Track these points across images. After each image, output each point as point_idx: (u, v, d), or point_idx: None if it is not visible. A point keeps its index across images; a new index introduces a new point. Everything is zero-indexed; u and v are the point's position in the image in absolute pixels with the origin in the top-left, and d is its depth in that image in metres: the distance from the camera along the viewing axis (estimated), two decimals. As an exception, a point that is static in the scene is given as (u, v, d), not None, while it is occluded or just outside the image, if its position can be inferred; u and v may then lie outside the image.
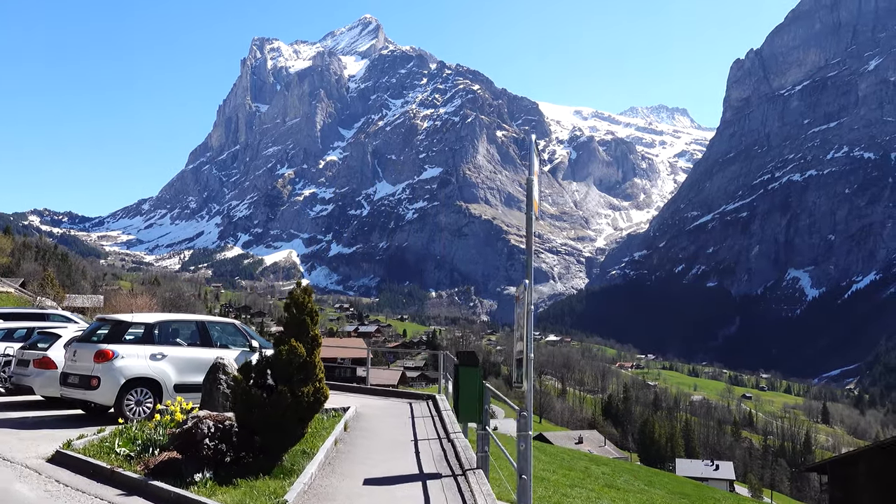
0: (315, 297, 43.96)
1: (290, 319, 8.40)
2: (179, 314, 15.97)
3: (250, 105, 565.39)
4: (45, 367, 13.10)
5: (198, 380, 11.83)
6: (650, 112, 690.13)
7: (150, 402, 11.68)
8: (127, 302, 50.02)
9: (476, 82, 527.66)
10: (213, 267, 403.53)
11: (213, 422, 7.91)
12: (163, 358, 11.92)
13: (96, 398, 11.48)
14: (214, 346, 12.71)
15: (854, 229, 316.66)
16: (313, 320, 8.44)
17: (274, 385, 8.00)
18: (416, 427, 12.99)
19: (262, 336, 17.50)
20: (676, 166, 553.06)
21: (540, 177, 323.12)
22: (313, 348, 8.20)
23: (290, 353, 7.95)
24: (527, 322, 6.34)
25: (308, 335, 8.25)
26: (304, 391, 7.93)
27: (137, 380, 11.60)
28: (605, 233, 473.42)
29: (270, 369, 8.10)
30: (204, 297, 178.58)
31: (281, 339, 8.29)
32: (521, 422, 6.43)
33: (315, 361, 8.16)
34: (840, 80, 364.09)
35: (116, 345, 11.63)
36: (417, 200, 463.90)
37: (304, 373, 8.03)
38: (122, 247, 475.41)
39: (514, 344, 6.90)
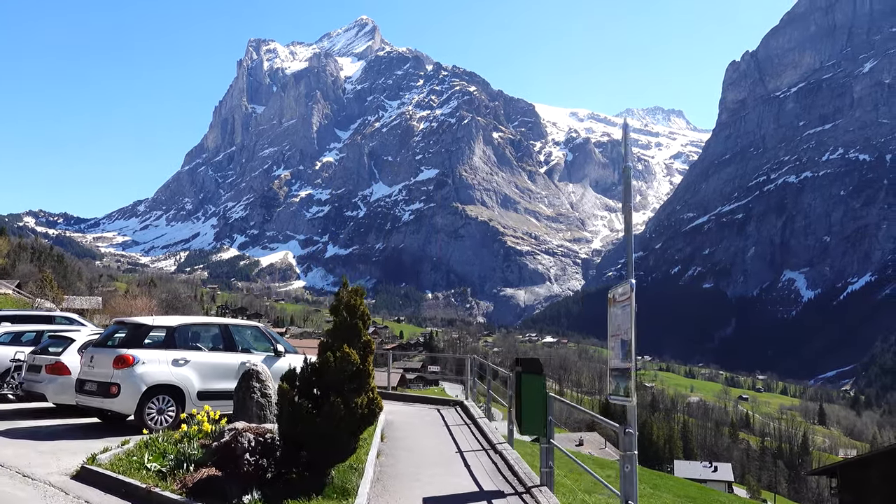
0: (311, 298, 43.96)
1: (339, 323, 7.85)
2: (201, 317, 15.19)
3: (246, 106, 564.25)
4: (59, 372, 12.50)
5: (222, 386, 11.49)
6: (646, 114, 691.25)
7: (173, 411, 11.13)
8: (126, 303, 49.60)
9: (472, 84, 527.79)
10: (209, 268, 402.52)
11: (254, 435, 7.41)
12: (185, 363, 11.35)
13: (116, 407, 10.91)
14: (238, 350, 12.15)
15: (849, 231, 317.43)
16: (365, 325, 7.92)
17: (323, 395, 7.46)
18: (454, 436, 12.44)
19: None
20: (672, 168, 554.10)
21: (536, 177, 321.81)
22: (366, 355, 7.72)
23: (343, 361, 7.43)
24: (632, 326, 5.61)
25: (360, 341, 7.75)
26: (358, 402, 7.43)
27: (159, 387, 11.02)
28: (601, 234, 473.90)
29: (318, 378, 7.55)
30: (200, 298, 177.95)
31: (329, 345, 7.72)
32: (625, 440, 5.66)
33: (369, 370, 7.69)
34: (835, 82, 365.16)
35: (137, 349, 11.05)
36: (414, 202, 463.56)
37: (357, 382, 7.53)
38: (118, 248, 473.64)
39: (611, 350, 6.14)
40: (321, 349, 7.79)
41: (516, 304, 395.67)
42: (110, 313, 45.99)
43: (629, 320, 5.69)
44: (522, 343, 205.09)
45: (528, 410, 8.43)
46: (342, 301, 8.01)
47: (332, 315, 8.03)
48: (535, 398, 8.46)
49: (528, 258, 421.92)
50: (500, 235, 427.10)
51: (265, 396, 9.24)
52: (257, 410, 9.11)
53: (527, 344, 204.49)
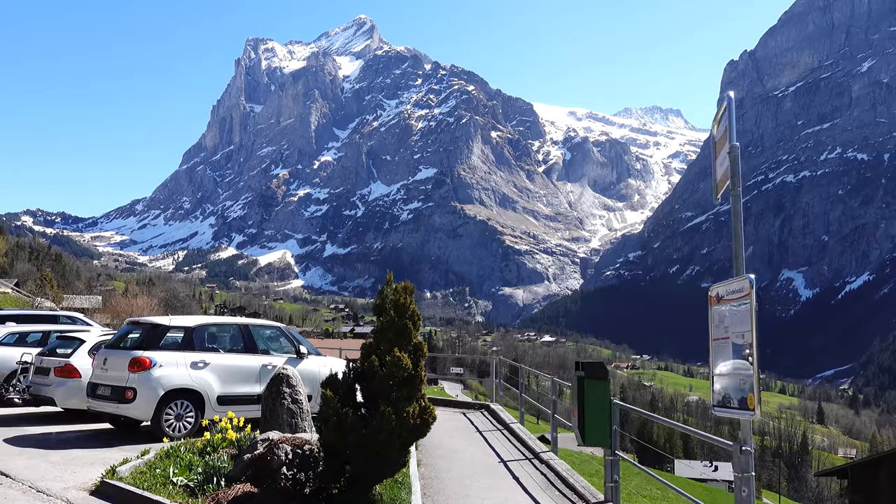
0: (309, 297, 43.04)
1: (386, 324, 7.16)
2: (220, 317, 14.10)
3: (244, 105, 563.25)
4: (69, 375, 11.88)
5: (243, 390, 11.01)
6: (644, 113, 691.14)
7: (192, 417, 10.53)
8: (127, 302, 49.16)
9: (471, 83, 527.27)
10: (207, 267, 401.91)
11: (291, 446, 6.82)
12: (205, 366, 10.70)
13: (131, 412, 10.26)
14: (259, 352, 11.51)
15: (847, 230, 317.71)
16: (415, 325, 7.24)
17: (370, 404, 6.87)
18: (490, 443, 11.88)
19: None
20: (671, 167, 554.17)
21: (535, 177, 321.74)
22: (418, 360, 7.08)
23: (394, 366, 6.79)
24: (753, 328, 4.78)
25: (410, 343, 7.09)
26: (409, 411, 6.80)
27: (177, 391, 10.38)
28: (599, 233, 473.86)
29: (363, 384, 6.99)
30: (198, 297, 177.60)
31: (373, 347, 7.12)
32: (741, 459, 4.89)
33: (421, 375, 7.04)
34: (833, 82, 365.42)
35: (153, 351, 10.38)
36: (412, 201, 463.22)
37: (408, 389, 6.88)
38: (116, 247, 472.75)
39: (714, 355, 5.30)
40: (365, 352, 7.24)
41: (515, 304, 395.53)
42: (111, 313, 45.58)
43: (747, 321, 4.89)
44: (521, 342, 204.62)
45: (593, 419, 7.82)
46: (388, 299, 7.35)
47: (376, 315, 7.37)
48: (600, 406, 7.90)
49: (526, 257, 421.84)
50: (498, 235, 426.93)
51: (296, 403, 8.55)
52: (288, 418, 8.44)
53: (525, 343, 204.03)
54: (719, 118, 5.77)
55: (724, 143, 5.52)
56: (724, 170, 5.60)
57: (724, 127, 5.62)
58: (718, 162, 5.82)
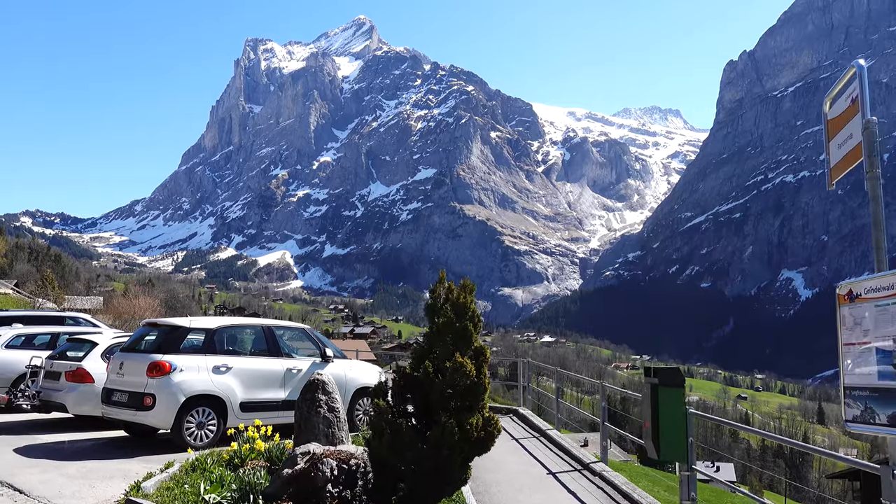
0: (309, 298, 41.75)
1: (443, 326, 6.41)
2: (241, 318, 13.19)
3: (244, 106, 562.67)
4: (81, 380, 11.32)
5: (267, 396, 10.49)
6: (643, 113, 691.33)
7: (214, 424, 9.97)
8: (128, 303, 48.79)
9: (470, 83, 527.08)
10: (206, 268, 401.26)
11: (336, 461, 6.30)
12: (227, 370, 10.16)
13: (150, 420, 9.70)
14: (283, 355, 11.00)
15: (847, 230, 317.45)
16: (476, 328, 6.50)
17: (425, 414, 6.19)
18: (531, 452, 11.19)
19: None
20: (670, 167, 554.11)
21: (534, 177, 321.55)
22: (481, 365, 6.35)
23: (455, 373, 6.10)
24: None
25: (471, 347, 6.37)
26: (473, 423, 6.11)
27: (199, 397, 9.82)
28: (598, 234, 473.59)
29: (415, 392, 6.30)
30: (198, 298, 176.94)
31: (426, 351, 6.40)
32: (894, 485, 4.02)
33: (484, 383, 6.30)
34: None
35: (173, 355, 9.83)
36: (411, 201, 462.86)
37: (471, 398, 6.17)
38: (115, 248, 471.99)
39: (847, 363, 4.51)
40: (416, 357, 6.55)
41: (514, 304, 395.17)
42: (112, 314, 45.05)
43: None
44: (521, 342, 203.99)
45: (668, 431, 7.04)
46: (442, 298, 6.60)
47: (429, 316, 6.66)
48: (675, 416, 7.17)
49: (525, 258, 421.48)
50: (497, 235, 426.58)
51: (333, 411, 7.81)
52: (324, 427, 7.70)
53: (525, 343, 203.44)
54: (836, 94, 4.91)
55: (849, 120, 4.63)
56: (848, 151, 4.72)
57: (848, 101, 4.74)
58: (836, 143, 4.95)
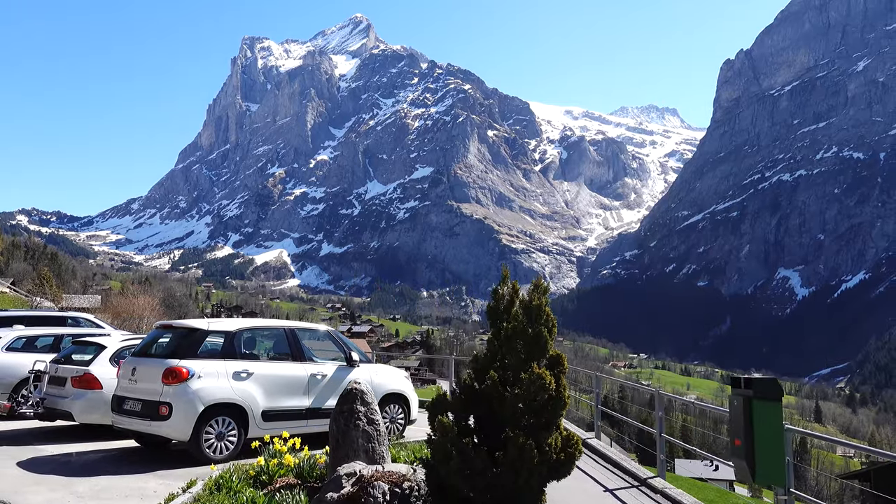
0: (306, 297, 41.57)
1: (512, 330, 5.72)
2: (262, 320, 12.14)
3: (241, 104, 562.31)
4: (88, 386, 10.64)
5: (290, 404, 9.86)
6: (640, 112, 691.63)
7: (234, 435, 9.30)
8: (127, 302, 48.87)
9: (467, 82, 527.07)
10: (203, 267, 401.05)
11: (388, 484, 5.79)
12: (248, 377, 9.49)
13: (166, 431, 9.01)
14: (306, 359, 10.36)
15: (843, 229, 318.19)
16: (551, 333, 5.83)
17: (494, 432, 5.47)
18: (578, 465, 9.88)
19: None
20: (667, 166, 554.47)
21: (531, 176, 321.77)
22: (558, 377, 5.64)
23: (532, 385, 5.38)
24: None
25: (546, 356, 5.68)
26: (552, 443, 5.42)
27: (219, 406, 9.17)
28: (596, 232, 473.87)
29: (479, 407, 5.60)
30: (195, 297, 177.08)
31: (490, 359, 5.72)
32: None
33: (564, 397, 5.60)
34: (829, 81, 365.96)
35: (190, 360, 9.17)
36: (409, 200, 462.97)
37: (549, 414, 5.46)
38: (112, 246, 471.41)
39: None
40: (478, 367, 5.82)
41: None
42: (111, 312, 45.29)
43: None
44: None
45: (764, 451, 6.18)
46: (506, 299, 5.92)
47: (491, 319, 5.97)
48: (772, 434, 6.30)
49: (523, 256, 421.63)
50: (495, 234, 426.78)
51: (372, 424, 7.11)
52: (364, 442, 6.95)
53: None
54: None
55: None
56: None
57: None
58: None
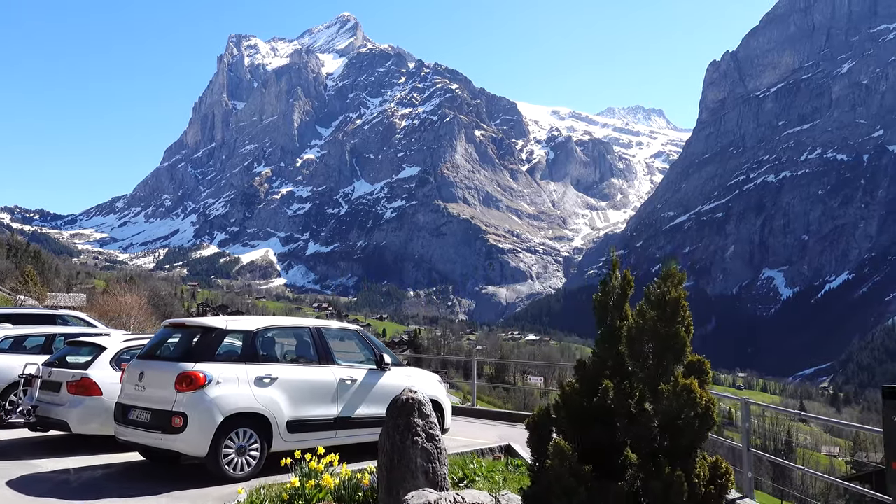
0: (292, 296, 40.75)
1: (640, 330, 4.70)
2: (285, 318, 11.52)
3: (227, 102, 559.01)
4: (86, 392, 9.61)
5: (317, 413, 8.87)
6: (627, 112, 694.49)
7: (257, 449, 8.24)
8: (115, 300, 48.03)
9: (454, 81, 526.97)
10: (188, 265, 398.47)
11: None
12: (272, 382, 8.45)
13: (180, 445, 7.89)
14: (334, 362, 9.37)
15: (827, 230, 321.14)
16: (689, 333, 4.81)
17: (600, 454, 4.48)
18: None
19: None
20: (653, 167, 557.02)
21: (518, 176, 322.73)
22: (702, 385, 4.60)
23: (678, 399, 4.34)
24: None
25: (683, 362, 4.63)
26: (699, 473, 4.33)
27: (240, 416, 8.12)
28: (582, 232, 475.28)
29: (593, 428, 4.60)
30: (180, 296, 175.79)
31: (599, 363, 4.74)
32: None
33: (713, 415, 4.49)
34: (814, 83, 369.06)
35: (207, 364, 8.14)
36: (396, 199, 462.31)
37: (693, 435, 4.42)
38: (96, 245, 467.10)
39: None
40: (588, 375, 4.76)
41: (498, 302, 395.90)
42: (97, 311, 44.77)
43: None
44: (506, 341, 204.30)
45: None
46: (617, 291, 4.98)
47: (600, 316, 4.99)
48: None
49: (509, 256, 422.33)
50: (482, 233, 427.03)
51: (432, 440, 6.10)
52: (423, 462, 5.88)
53: (510, 342, 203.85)
54: None
55: None
56: None
57: None
58: None
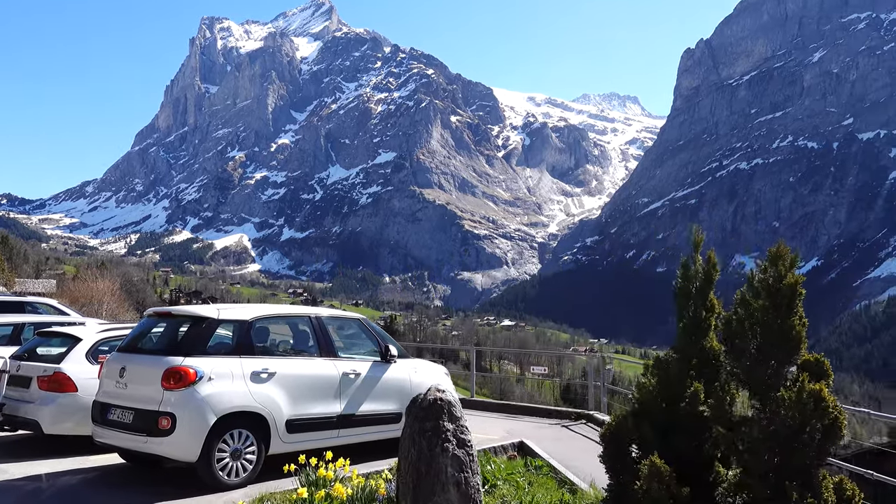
0: (266, 282, 40.67)
1: (741, 323, 4.08)
2: (283, 306, 10.40)
3: (199, 86, 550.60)
4: (60, 388, 8.63)
5: (319, 411, 8.02)
6: (602, 99, 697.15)
7: (253, 452, 7.39)
8: (86, 287, 46.88)
9: (430, 67, 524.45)
10: (160, 251, 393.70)
11: None
12: (270, 377, 7.61)
13: (168, 449, 7.01)
14: (335, 354, 8.54)
15: (797, 216, 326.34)
16: (804, 326, 4.17)
17: (700, 468, 3.95)
18: None
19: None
20: (628, 153, 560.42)
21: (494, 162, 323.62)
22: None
23: (802, 407, 3.73)
24: None
25: (796, 360, 4.02)
26: (826, 496, 3.77)
27: (235, 416, 7.26)
28: (557, 219, 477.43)
29: (678, 436, 4.03)
30: (153, 281, 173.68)
31: (684, 359, 4.20)
32: None
33: (841, 424, 3.87)
34: (786, 71, 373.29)
35: (198, 357, 7.27)
36: (371, 185, 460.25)
37: (817, 450, 3.79)
38: (65, 230, 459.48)
39: None
40: (671, 371, 4.15)
41: (473, 288, 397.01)
42: (68, 298, 43.84)
43: None
44: (481, 327, 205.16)
45: None
46: (700, 277, 4.41)
47: (682, 304, 4.40)
48: None
49: (485, 242, 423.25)
50: (457, 219, 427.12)
51: (464, 446, 5.23)
52: (454, 472, 5.05)
53: (486, 328, 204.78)
54: None
55: None
56: None
57: None
58: None
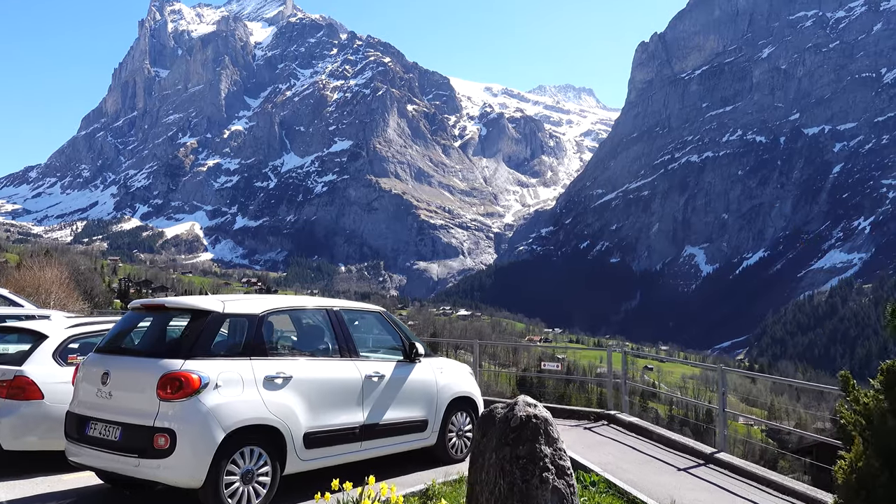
0: (219, 271, 40.65)
1: None
2: (297, 298, 8.49)
3: (149, 70, 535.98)
4: (22, 395, 7.22)
5: (340, 421, 6.84)
6: (558, 91, 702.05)
7: (267, 474, 6.10)
8: (33, 275, 43.70)
9: (387, 55, 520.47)
10: (108, 239, 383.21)
11: None
12: (285, 383, 6.35)
13: (166, 473, 5.65)
14: (356, 354, 7.29)
15: (745, 209, 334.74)
16: None
17: None
18: (733, 491, 7.92)
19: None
20: (583, 145, 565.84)
21: (450, 151, 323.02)
22: None
23: None
24: None
25: None
26: None
27: (246, 431, 5.94)
28: (513, 209, 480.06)
29: None
30: (101, 271, 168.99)
31: None
32: None
33: None
34: (736, 66, 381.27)
35: (201, 360, 5.95)
36: (327, 173, 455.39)
37: None
38: (7, 217, 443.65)
39: None
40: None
41: (429, 278, 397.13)
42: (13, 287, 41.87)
43: None
44: (437, 316, 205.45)
45: None
46: None
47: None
48: None
49: (441, 232, 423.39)
50: (413, 209, 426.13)
51: (564, 475, 4.30)
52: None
53: (442, 317, 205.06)
54: None
55: None
56: None
57: None
58: None
